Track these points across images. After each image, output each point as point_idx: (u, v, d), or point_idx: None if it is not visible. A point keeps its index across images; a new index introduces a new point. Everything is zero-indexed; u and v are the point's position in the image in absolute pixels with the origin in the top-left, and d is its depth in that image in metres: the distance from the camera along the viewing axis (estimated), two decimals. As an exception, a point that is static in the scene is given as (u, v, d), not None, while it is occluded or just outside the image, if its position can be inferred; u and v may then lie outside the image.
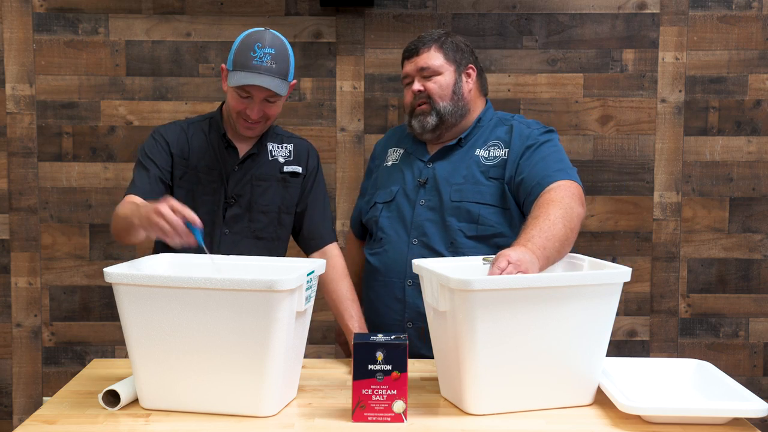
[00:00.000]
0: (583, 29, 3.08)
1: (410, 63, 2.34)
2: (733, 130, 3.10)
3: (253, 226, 2.27)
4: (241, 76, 2.12)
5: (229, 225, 2.25)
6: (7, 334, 3.14)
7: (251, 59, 2.12)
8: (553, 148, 2.26)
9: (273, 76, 2.13)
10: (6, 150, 3.09)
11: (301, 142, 2.37)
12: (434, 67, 2.31)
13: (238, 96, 2.16)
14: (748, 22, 3.07)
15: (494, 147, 2.30)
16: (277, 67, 2.14)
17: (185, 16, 3.06)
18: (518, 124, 2.32)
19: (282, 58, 2.15)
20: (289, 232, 2.35)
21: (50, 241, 3.11)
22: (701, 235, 3.13)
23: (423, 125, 2.31)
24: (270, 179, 2.28)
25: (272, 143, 2.32)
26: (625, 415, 1.70)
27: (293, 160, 2.32)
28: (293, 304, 1.68)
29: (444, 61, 2.32)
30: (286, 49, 2.18)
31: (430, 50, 2.32)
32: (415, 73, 2.33)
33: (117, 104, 3.08)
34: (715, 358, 3.11)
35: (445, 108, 2.30)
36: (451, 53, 2.33)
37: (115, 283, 1.70)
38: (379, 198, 2.37)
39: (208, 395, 1.71)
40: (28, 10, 3.05)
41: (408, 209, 2.30)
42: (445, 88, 2.31)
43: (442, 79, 2.31)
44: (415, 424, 1.68)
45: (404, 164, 2.39)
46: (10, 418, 3.16)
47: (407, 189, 2.33)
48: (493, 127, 2.35)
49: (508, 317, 1.67)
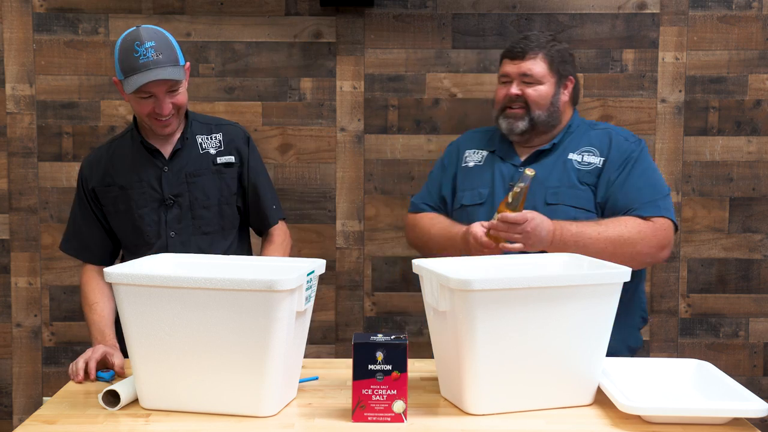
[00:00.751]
0: (583, 29, 3.08)
1: (513, 65, 2.33)
2: (733, 130, 3.10)
3: (197, 222, 2.27)
4: (135, 79, 2.10)
5: (173, 227, 2.26)
6: (7, 334, 3.14)
7: (136, 60, 2.10)
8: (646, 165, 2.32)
9: (164, 66, 2.11)
10: (6, 150, 3.09)
11: (229, 128, 2.37)
12: (537, 76, 2.31)
13: (141, 99, 2.15)
14: (748, 22, 3.07)
15: (588, 153, 2.32)
16: (164, 57, 2.12)
17: (185, 16, 3.06)
18: (617, 135, 2.35)
19: (165, 46, 2.14)
20: (234, 222, 2.35)
21: (50, 241, 3.11)
22: (701, 235, 3.13)
23: (512, 128, 2.33)
24: (205, 173, 2.28)
25: (200, 135, 2.31)
26: (625, 415, 1.70)
27: (224, 150, 2.32)
28: (293, 304, 1.68)
29: (548, 71, 2.33)
30: (165, 37, 2.16)
31: (537, 57, 2.32)
32: (515, 75, 2.33)
33: (117, 104, 3.08)
34: (715, 358, 3.11)
35: (539, 117, 2.32)
36: (556, 64, 2.34)
37: (115, 283, 1.70)
38: (466, 200, 2.38)
39: (208, 395, 1.71)
40: (28, 10, 3.05)
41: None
42: (543, 98, 2.32)
43: (543, 88, 2.32)
44: (415, 424, 1.68)
45: (491, 166, 2.39)
46: (10, 418, 3.16)
47: (498, 191, 2.33)
48: (583, 133, 2.38)
49: (508, 317, 1.67)
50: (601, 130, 2.38)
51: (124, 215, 2.27)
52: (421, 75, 3.09)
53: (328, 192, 3.12)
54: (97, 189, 2.28)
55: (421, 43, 3.08)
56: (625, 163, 2.30)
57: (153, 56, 2.10)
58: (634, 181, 2.28)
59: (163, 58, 2.11)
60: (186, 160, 2.27)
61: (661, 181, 2.35)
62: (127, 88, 2.12)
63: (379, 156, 3.10)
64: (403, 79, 3.09)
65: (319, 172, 3.11)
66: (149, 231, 2.25)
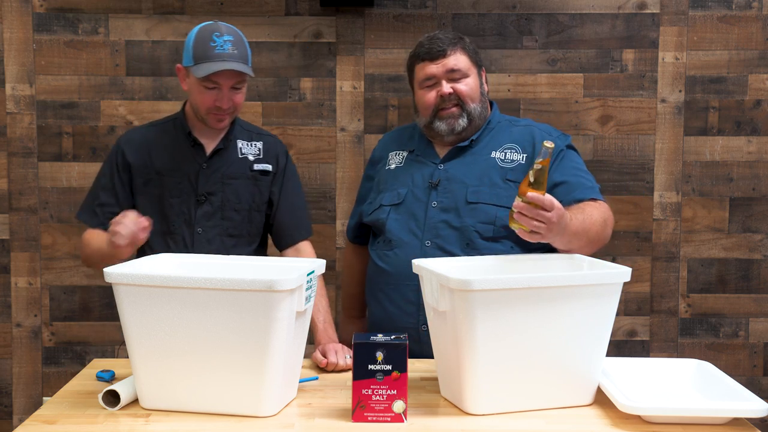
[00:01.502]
0: (583, 29, 3.08)
1: (436, 64, 2.30)
2: (733, 130, 3.10)
3: (226, 224, 2.28)
4: (207, 66, 2.13)
5: (201, 223, 2.26)
6: (7, 334, 3.14)
7: (212, 49, 2.14)
8: (578, 158, 2.33)
9: (237, 61, 2.15)
10: (6, 150, 3.09)
11: (270, 139, 2.40)
12: (464, 69, 2.29)
13: (205, 89, 2.18)
14: (748, 22, 3.07)
15: (511, 150, 2.30)
16: (239, 53, 2.17)
17: (185, 16, 3.06)
18: (539, 132, 2.33)
19: (240, 45, 2.19)
20: (260, 229, 2.36)
21: (50, 241, 3.11)
22: (701, 235, 3.13)
23: (452, 127, 2.29)
24: (241, 177, 2.30)
25: (241, 140, 2.33)
26: (625, 415, 1.70)
27: (263, 158, 2.34)
28: (293, 304, 1.68)
29: (470, 62, 2.31)
30: (241, 38, 2.21)
31: (456, 52, 2.30)
32: (442, 75, 2.29)
33: (117, 104, 3.08)
34: (715, 358, 3.11)
35: (475, 110, 2.30)
36: (472, 55, 2.33)
37: (115, 283, 1.70)
38: (385, 200, 2.35)
39: (208, 395, 1.71)
40: (28, 10, 3.05)
41: (420, 211, 2.27)
42: (474, 90, 2.30)
43: (471, 81, 2.30)
44: (415, 424, 1.68)
45: (410, 166, 2.37)
46: (10, 418, 3.16)
47: (416, 191, 2.31)
48: (504, 129, 2.36)
49: (508, 317, 1.67)
50: (522, 127, 2.35)
51: (155, 199, 2.28)
52: (421, 75, 3.09)
53: (328, 192, 3.12)
54: (134, 165, 2.29)
55: (421, 43, 3.08)
56: (555, 155, 2.26)
57: (229, 50, 2.15)
58: (569, 171, 2.26)
59: (237, 54, 2.16)
60: (225, 161, 2.29)
61: (587, 171, 2.32)
62: (197, 72, 2.15)
63: (379, 156, 3.10)
64: (403, 79, 3.09)
65: (319, 172, 3.11)
66: (176, 221, 2.26)
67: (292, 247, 2.38)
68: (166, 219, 2.28)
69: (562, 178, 2.24)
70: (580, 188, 2.23)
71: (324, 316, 2.25)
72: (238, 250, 2.29)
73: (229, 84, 2.18)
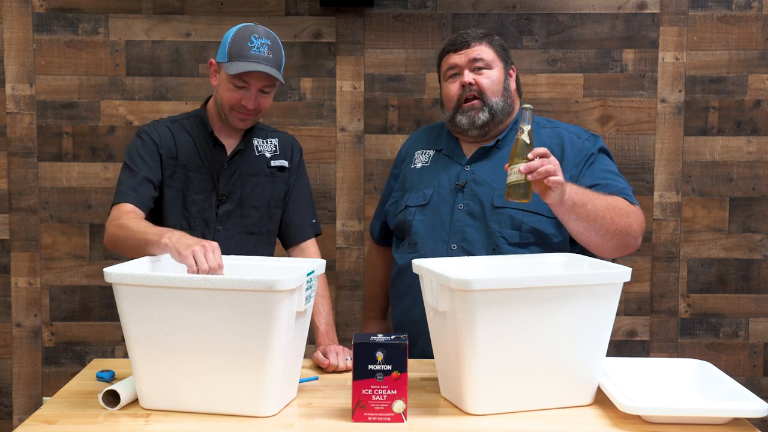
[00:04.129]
0: (583, 29, 3.08)
1: (459, 55, 2.28)
2: (733, 130, 3.10)
3: (246, 221, 2.29)
4: (240, 65, 2.15)
5: (222, 222, 2.27)
6: (7, 334, 3.14)
7: (248, 49, 2.16)
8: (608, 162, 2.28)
9: (270, 65, 2.17)
10: (6, 150, 3.09)
11: (285, 137, 2.41)
12: (488, 60, 2.27)
13: (234, 87, 2.19)
14: (748, 22, 3.07)
15: None
16: (273, 58, 2.19)
17: (185, 16, 3.06)
18: (568, 134, 2.29)
19: (277, 50, 2.21)
20: (278, 225, 2.37)
21: (50, 241, 3.11)
22: (701, 235, 3.13)
23: (473, 121, 2.25)
24: (259, 174, 2.31)
25: (257, 138, 2.35)
26: (625, 415, 1.70)
27: (279, 154, 2.35)
28: (293, 304, 1.68)
29: (495, 56, 2.29)
30: (279, 45, 2.23)
31: (481, 44, 2.28)
32: (465, 64, 2.27)
33: (117, 104, 3.08)
34: (715, 358, 3.11)
35: (497, 104, 2.26)
36: (499, 50, 2.31)
37: (115, 283, 1.70)
38: (410, 201, 2.32)
39: (208, 395, 1.71)
40: (28, 10, 3.05)
41: (446, 213, 2.25)
42: (496, 84, 2.27)
43: (494, 73, 2.27)
44: (415, 424, 1.68)
45: (437, 166, 2.34)
46: (10, 418, 3.16)
47: (443, 192, 2.28)
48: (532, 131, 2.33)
49: (508, 317, 1.67)
50: (550, 129, 2.31)
51: (179, 193, 2.27)
52: (421, 75, 3.09)
53: (328, 192, 3.12)
54: (163, 156, 2.28)
55: (421, 43, 3.08)
56: (585, 159, 2.24)
57: (265, 53, 2.17)
58: (599, 172, 2.23)
59: (272, 59, 2.18)
60: (244, 161, 2.31)
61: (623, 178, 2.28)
62: (229, 69, 2.16)
63: (379, 156, 3.10)
64: (403, 79, 3.09)
65: (319, 172, 3.11)
66: (197, 218, 2.26)
67: (297, 246, 2.38)
68: (187, 214, 2.27)
69: (591, 182, 2.19)
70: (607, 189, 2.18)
71: (326, 318, 2.24)
72: (259, 248, 2.29)
73: (258, 86, 2.19)
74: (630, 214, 2.14)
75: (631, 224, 2.13)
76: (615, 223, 2.08)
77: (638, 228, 2.16)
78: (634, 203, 2.20)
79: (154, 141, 2.27)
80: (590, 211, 2.04)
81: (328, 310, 2.27)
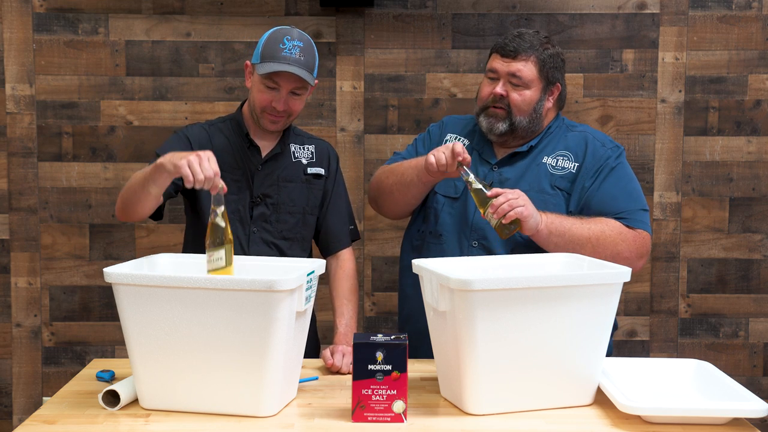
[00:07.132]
0: (583, 29, 3.08)
1: (503, 62, 2.26)
2: (733, 130, 3.10)
3: (281, 226, 2.29)
4: (271, 65, 2.15)
5: (257, 224, 2.27)
6: (7, 334, 3.14)
7: (280, 50, 2.16)
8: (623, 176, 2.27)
9: (302, 68, 2.17)
10: (6, 150, 3.09)
11: (321, 143, 2.40)
12: (526, 79, 2.24)
13: (265, 88, 2.19)
14: (748, 22, 3.07)
15: (563, 157, 2.28)
16: (305, 60, 2.18)
17: (185, 16, 3.06)
18: (593, 139, 2.30)
19: (309, 53, 2.20)
20: (312, 232, 2.36)
21: (50, 241, 3.11)
22: (701, 235, 3.13)
23: (492, 127, 2.27)
24: (296, 180, 2.31)
25: (294, 144, 2.34)
26: (625, 415, 1.70)
27: (315, 161, 2.35)
28: (293, 304, 1.68)
29: (537, 76, 2.26)
30: (312, 46, 2.22)
31: (528, 60, 2.25)
32: (503, 74, 2.26)
33: (117, 104, 3.08)
34: (715, 358, 3.11)
35: (520, 122, 2.26)
36: (546, 69, 2.27)
37: (115, 283, 1.70)
38: (441, 189, 2.32)
39: (208, 395, 1.71)
40: (28, 10, 3.05)
41: (471, 210, 2.26)
42: (527, 104, 2.25)
43: (528, 93, 2.25)
44: (415, 424, 1.68)
45: None
46: (10, 418, 3.16)
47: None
48: (561, 135, 2.32)
49: (508, 317, 1.67)
50: (578, 133, 2.32)
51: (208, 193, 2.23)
52: (421, 75, 3.09)
53: (328, 192, 3.11)
54: None
55: (421, 43, 3.08)
56: (600, 170, 2.25)
57: (297, 55, 2.16)
58: (608, 189, 2.23)
59: (303, 61, 2.18)
60: (280, 165, 2.30)
61: (637, 192, 2.28)
62: (260, 69, 2.16)
63: (379, 156, 3.10)
64: (403, 79, 3.09)
65: (319, 172, 3.11)
66: (232, 218, 2.24)
67: (335, 256, 2.36)
68: None
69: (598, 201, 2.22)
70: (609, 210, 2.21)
71: (347, 321, 2.23)
72: (293, 253, 2.28)
73: (289, 87, 2.18)
74: (620, 241, 2.17)
75: (621, 252, 2.17)
76: (597, 252, 2.12)
77: (631, 254, 2.19)
78: (634, 227, 2.21)
79: (188, 138, 2.28)
80: (568, 240, 2.10)
81: (352, 314, 2.26)
